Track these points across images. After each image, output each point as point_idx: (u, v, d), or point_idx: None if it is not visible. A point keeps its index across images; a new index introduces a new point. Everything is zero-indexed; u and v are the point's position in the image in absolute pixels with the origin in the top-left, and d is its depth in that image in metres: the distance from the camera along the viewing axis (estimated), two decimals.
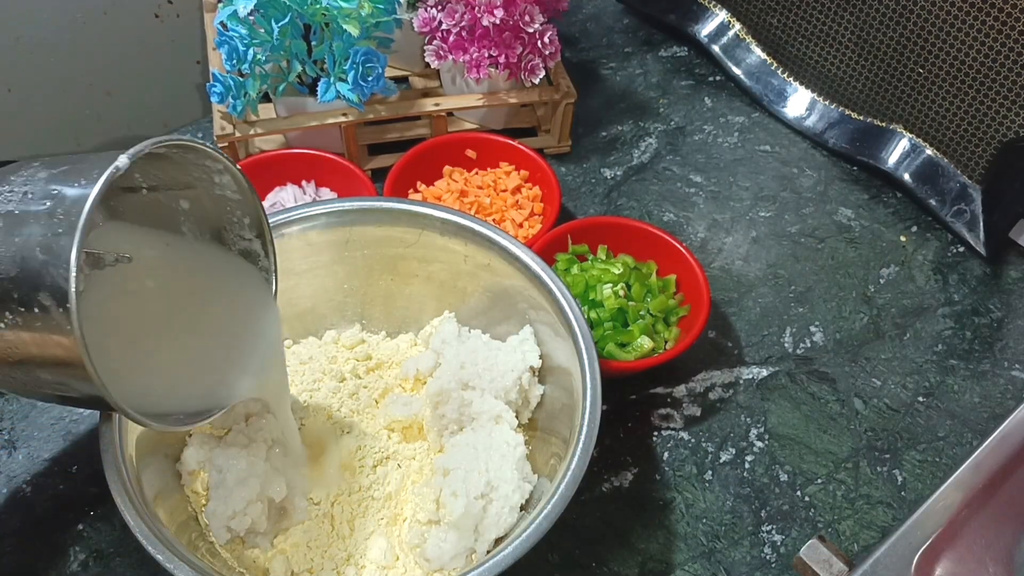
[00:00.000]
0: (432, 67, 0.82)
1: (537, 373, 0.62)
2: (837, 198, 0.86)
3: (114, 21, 0.85)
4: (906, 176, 0.84)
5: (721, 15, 0.96)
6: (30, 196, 0.41)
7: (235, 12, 0.70)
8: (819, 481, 0.66)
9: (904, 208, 0.85)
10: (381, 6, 0.73)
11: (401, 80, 0.90)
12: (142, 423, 0.44)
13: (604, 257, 0.73)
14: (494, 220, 0.76)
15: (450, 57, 0.79)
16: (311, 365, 0.64)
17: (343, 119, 0.78)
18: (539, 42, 0.79)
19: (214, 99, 0.74)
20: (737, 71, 0.95)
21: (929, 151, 0.84)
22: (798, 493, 0.65)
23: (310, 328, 0.67)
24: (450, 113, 0.85)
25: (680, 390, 0.70)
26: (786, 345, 0.74)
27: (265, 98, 0.79)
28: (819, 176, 0.88)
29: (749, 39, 0.95)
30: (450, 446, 0.59)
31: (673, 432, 0.68)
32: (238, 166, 0.49)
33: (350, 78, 0.73)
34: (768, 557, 0.62)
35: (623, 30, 1.03)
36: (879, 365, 0.73)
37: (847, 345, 0.74)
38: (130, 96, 0.90)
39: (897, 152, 0.85)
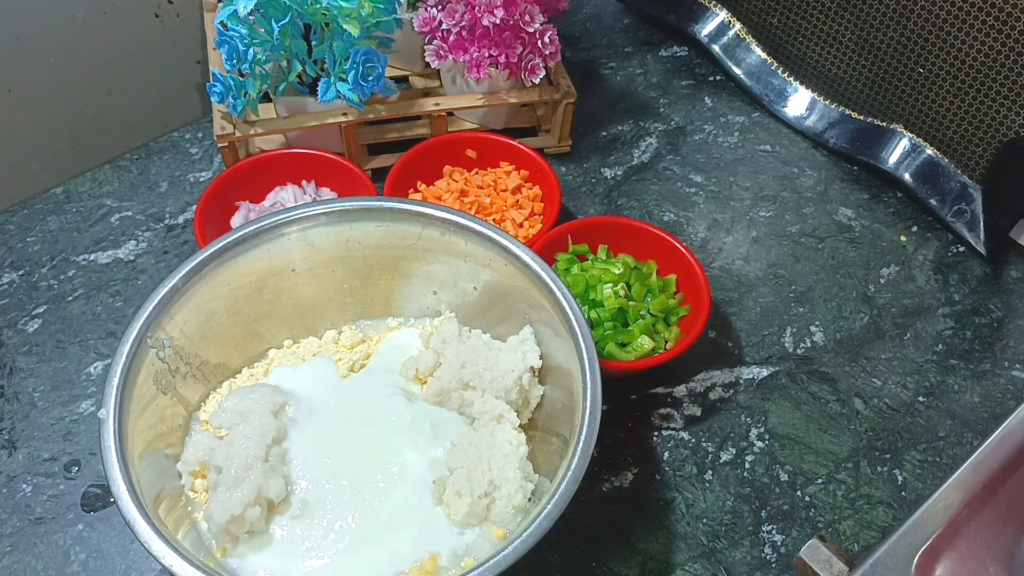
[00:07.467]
0: (432, 67, 0.81)
1: (537, 373, 0.62)
2: (837, 198, 0.86)
3: (114, 21, 0.85)
4: (906, 176, 0.84)
5: (721, 15, 0.96)
6: None
7: (235, 12, 0.70)
8: (819, 481, 0.66)
9: (904, 208, 0.85)
10: (381, 6, 0.73)
11: (401, 80, 0.90)
12: None
13: (604, 257, 0.73)
14: (494, 220, 0.76)
15: (450, 57, 0.79)
16: None
17: (343, 119, 0.78)
18: (539, 42, 0.79)
19: (214, 99, 0.74)
20: (737, 71, 0.95)
21: (929, 151, 0.84)
22: (798, 493, 0.65)
23: (310, 328, 0.67)
24: (450, 113, 0.85)
25: (680, 390, 0.70)
26: (786, 345, 0.74)
27: (265, 98, 0.79)
28: (819, 176, 0.88)
29: (749, 39, 0.95)
30: (453, 446, 0.59)
31: (673, 432, 0.68)
32: None
33: (350, 78, 0.73)
34: (768, 557, 0.62)
35: (623, 30, 1.03)
36: (879, 365, 0.73)
37: (847, 345, 0.74)
38: (130, 96, 0.90)
39: (897, 152, 0.85)
